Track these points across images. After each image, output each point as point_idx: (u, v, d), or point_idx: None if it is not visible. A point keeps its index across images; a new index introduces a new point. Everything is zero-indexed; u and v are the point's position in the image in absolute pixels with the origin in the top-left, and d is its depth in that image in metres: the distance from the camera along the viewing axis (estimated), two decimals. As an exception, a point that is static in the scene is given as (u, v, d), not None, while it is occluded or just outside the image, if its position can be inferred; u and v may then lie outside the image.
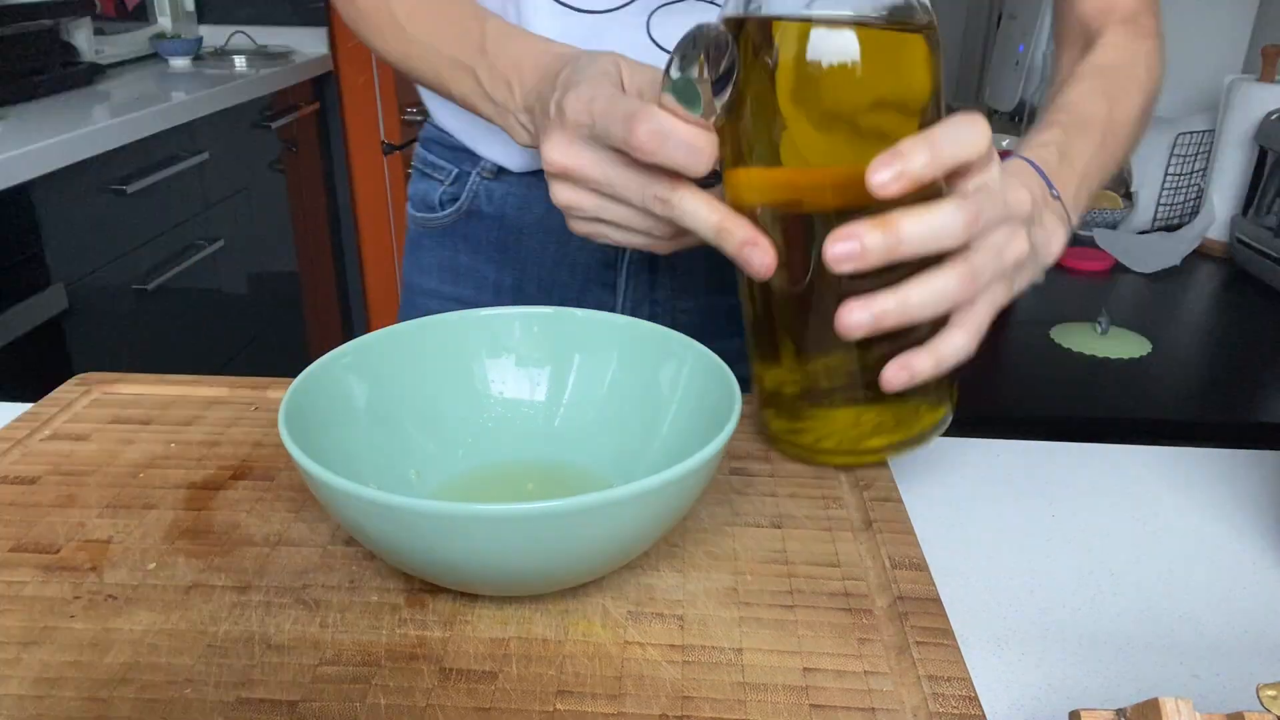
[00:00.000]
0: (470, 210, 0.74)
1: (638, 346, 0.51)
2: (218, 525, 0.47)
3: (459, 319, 0.52)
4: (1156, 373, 1.09)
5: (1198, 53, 1.73)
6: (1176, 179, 1.56)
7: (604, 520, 0.37)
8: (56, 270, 1.42)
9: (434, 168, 0.77)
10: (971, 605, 0.45)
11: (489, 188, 0.73)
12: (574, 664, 0.38)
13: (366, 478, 0.46)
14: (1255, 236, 1.39)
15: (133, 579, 0.43)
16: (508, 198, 0.72)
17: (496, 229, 0.74)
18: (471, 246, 0.75)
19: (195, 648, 0.39)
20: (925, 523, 0.51)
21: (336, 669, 0.38)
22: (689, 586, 0.43)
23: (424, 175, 0.78)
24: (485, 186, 0.73)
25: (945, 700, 0.36)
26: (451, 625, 0.41)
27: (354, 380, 0.48)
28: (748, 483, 0.51)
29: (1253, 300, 1.33)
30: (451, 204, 0.75)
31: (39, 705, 0.36)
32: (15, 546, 0.45)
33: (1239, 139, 1.45)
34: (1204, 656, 0.42)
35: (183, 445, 0.55)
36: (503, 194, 0.73)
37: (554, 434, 0.53)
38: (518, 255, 0.73)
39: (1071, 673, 0.41)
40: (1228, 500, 0.54)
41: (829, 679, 0.38)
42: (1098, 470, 0.57)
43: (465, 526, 0.36)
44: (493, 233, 0.74)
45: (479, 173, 0.73)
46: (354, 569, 0.44)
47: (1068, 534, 0.51)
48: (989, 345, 0.49)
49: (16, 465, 0.52)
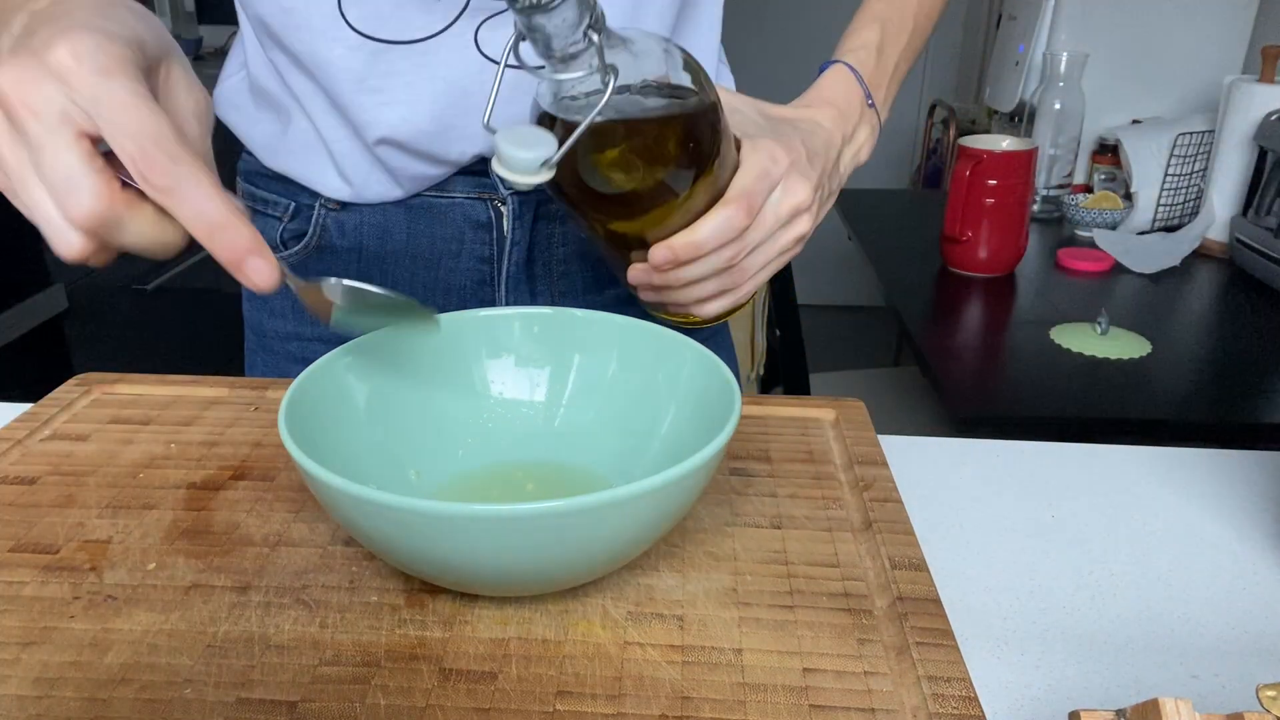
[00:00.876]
0: (321, 245, 0.67)
1: (638, 346, 0.51)
2: (217, 525, 0.47)
3: (459, 319, 0.52)
4: (1156, 373, 1.09)
5: (1198, 53, 1.73)
6: (1176, 179, 1.56)
7: (604, 520, 0.37)
8: (56, 270, 1.42)
9: (265, 203, 0.68)
10: (971, 606, 0.45)
11: (338, 220, 0.66)
12: (574, 664, 0.38)
13: (366, 478, 0.46)
14: (1255, 237, 1.39)
15: (132, 579, 0.43)
16: (363, 228, 0.65)
17: (355, 261, 0.66)
18: None
19: (195, 648, 0.39)
20: (925, 523, 0.51)
21: (336, 669, 0.38)
22: (689, 587, 0.43)
23: (255, 213, 0.69)
24: (333, 219, 0.66)
25: (945, 701, 0.36)
26: (451, 625, 0.41)
27: (354, 380, 0.48)
28: (747, 483, 0.51)
29: (1252, 301, 1.33)
30: (296, 241, 0.67)
31: (38, 705, 0.36)
32: (15, 547, 0.45)
33: (1239, 139, 1.45)
34: (1203, 657, 0.42)
35: (182, 445, 0.55)
36: (356, 224, 0.65)
37: (554, 434, 0.53)
38: (383, 285, 0.67)
39: (1071, 673, 0.41)
40: (1227, 501, 0.54)
41: (829, 679, 0.38)
42: (1097, 470, 0.57)
43: (465, 526, 0.36)
44: (351, 266, 0.66)
45: (322, 205, 0.66)
46: (354, 569, 0.44)
47: (1067, 534, 0.51)
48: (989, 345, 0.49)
49: (16, 465, 0.52)
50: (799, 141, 0.56)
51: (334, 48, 0.58)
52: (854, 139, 0.62)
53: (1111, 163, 1.73)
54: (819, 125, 0.60)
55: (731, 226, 0.52)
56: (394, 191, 0.64)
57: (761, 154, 0.53)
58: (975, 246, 1.37)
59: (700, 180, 0.51)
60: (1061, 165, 1.69)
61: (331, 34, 0.58)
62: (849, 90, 0.63)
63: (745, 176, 0.53)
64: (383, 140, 0.61)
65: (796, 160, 0.55)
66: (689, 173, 0.51)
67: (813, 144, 0.57)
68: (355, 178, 0.64)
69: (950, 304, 1.34)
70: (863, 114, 0.63)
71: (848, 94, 0.62)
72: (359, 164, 0.63)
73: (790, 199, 0.54)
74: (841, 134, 0.61)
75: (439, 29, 0.58)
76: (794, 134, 0.57)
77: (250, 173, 0.70)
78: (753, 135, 0.55)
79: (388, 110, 0.59)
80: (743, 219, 0.52)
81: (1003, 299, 1.34)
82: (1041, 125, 1.66)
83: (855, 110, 0.62)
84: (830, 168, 0.59)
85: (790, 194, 0.54)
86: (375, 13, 0.57)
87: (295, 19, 0.58)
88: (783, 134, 0.56)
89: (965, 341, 1.21)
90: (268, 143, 0.67)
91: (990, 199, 1.35)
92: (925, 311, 1.32)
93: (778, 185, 0.54)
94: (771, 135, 0.55)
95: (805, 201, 0.55)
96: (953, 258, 1.41)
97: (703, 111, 0.50)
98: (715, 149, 0.51)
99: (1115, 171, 1.71)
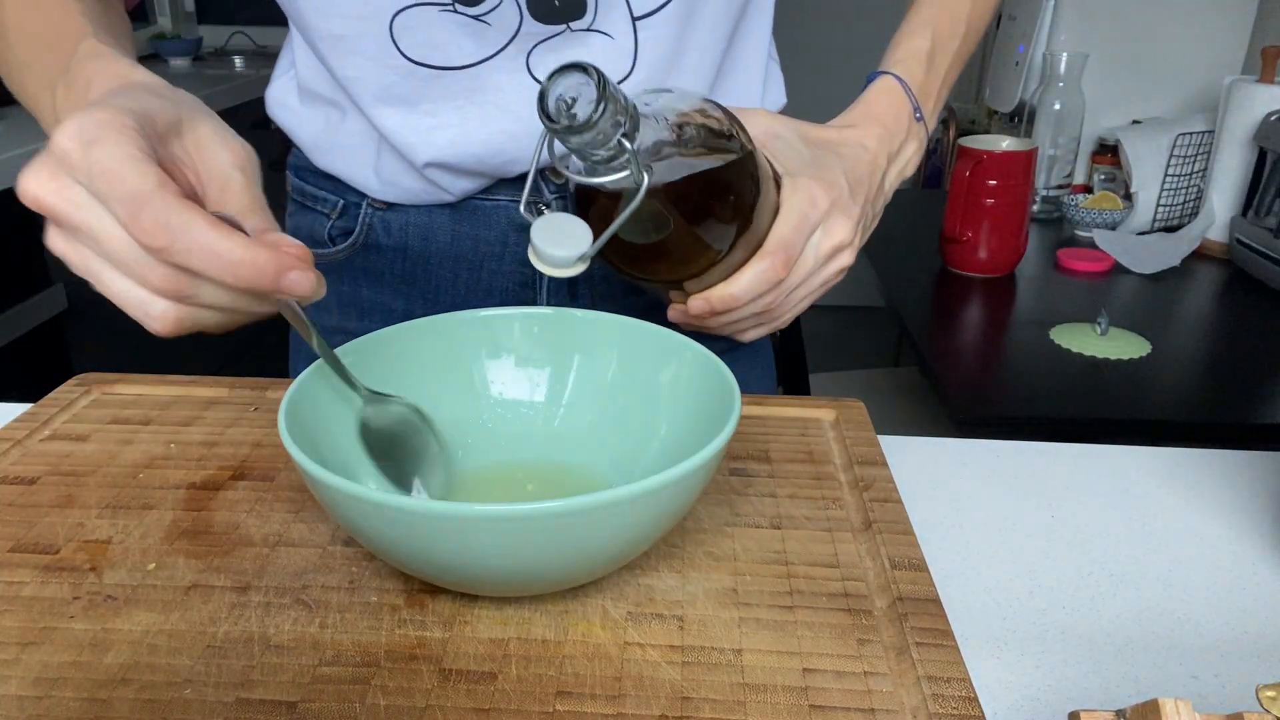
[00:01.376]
0: (367, 243, 0.68)
1: (638, 347, 0.51)
2: (217, 526, 0.47)
3: (458, 319, 0.52)
4: (1156, 373, 1.09)
5: (1197, 53, 1.73)
6: (1176, 180, 1.56)
7: (604, 520, 0.37)
8: (57, 270, 1.42)
9: (315, 199, 0.69)
10: (971, 606, 0.45)
11: (384, 219, 0.67)
12: (573, 665, 0.38)
13: (366, 478, 0.46)
14: (1254, 237, 1.39)
15: (132, 579, 0.43)
16: (408, 228, 0.66)
17: (400, 261, 0.67)
18: (373, 280, 0.69)
19: (195, 648, 0.39)
20: (925, 523, 0.51)
21: (336, 669, 0.38)
22: (689, 587, 0.43)
23: (305, 208, 0.70)
24: (380, 218, 0.67)
25: (945, 701, 0.36)
26: (451, 626, 0.41)
27: (354, 381, 0.48)
28: (747, 483, 0.51)
29: (1252, 301, 1.33)
30: (344, 238, 0.68)
31: (38, 706, 0.36)
32: (15, 547, 0.45)
33: (1238, 140, 1.45)
34: (1203, 657, 0.42)
35: (182, 446, 0.55)
36: (401, 224, 0.66)
37: (553, 434, 0.53)
38: (427, 286, 0.68)
39: (1071, 673, 0.41)
40: (1227, 501, 0.54)
41: (828, 680, 0.38)
42: (1097, 471, 0.57)
43: (465, 526, 0.36)
44: (395, 265, 0.68)
45: (369, 204, 0.67)
46: (353, 569, 0.44)
47: (1067, 535, 0.51)
48: (989, 346, 0.50)
49: (16, 465, 0.52)
50: (841, 175, 0.55)
51: (386, 74, 0.58)
52: (900, 156, 0.61)
53: (1111, 163, 1.73)
54: (864, 149, 0.58)
55: (768, 280, 0.52)
56: (442, 197, 0.64)
57: (801, 197, 0.52)
58: (975, 247, 1.37)
59: (738, 237, 0.51)
60: (1061, 165, 1.69)
61: (383, 60, 0.58)
62: (897, 105, 0.61)
63: (784, 225, 0.52)
64: (431, 164, 0.61)
65: (838, 199, 0.54)
66: (727, 230, 0.51)
67: (856, 173, 0.56)
68: (400, 189, 0.64)
69: (950, 304, 1.34)
70: (910, 129, 0.61)
71: (896, 109, 0.61)
72: (403, 178, 0.64)
73: (831, 240, 0.54)
74: (887, 154, 0.59)
75: (490, 54, 0.58)
76: (836, 165, 0.55)
77: (300, 168, 0.71)
78: (793, 173, 0.54)
79: (438, 135, 0.60)
80: (780, 271, 0.52)
81: (1003, 299, 1.34)
82: (1041, 125, 1.66)
83: (903, 126, 0.61)
84: (874, 193, 0.58)
85: (831, 235, 0.54)
86: (427, 40, 0.57)
87: (346, 45, 0.58)
88: (824, 167, 0.55)
89: (965, 342, 1.21)
90: (316, 142, 0.67)
91: (990, 199, 1.35)
92: (925, 312, 1.31)
93: (818, 228, 0.53)
94: (812, 171, 0.54)
95: (846, 240, 0.54)
96: (953, 258, 1.41)
97: (739, 171, 0.50)
98: (751, 205, 0.51)
99: (1115, 172, 1.71)
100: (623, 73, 0.59)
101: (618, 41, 0.58)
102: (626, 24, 0.57)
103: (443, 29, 0.56)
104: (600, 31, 0.58)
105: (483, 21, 0.56)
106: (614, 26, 0.57)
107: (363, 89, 0.60)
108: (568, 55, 0.57)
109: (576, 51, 0.58)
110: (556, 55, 0.58)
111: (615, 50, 0.58)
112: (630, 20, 0.57)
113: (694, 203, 0.49)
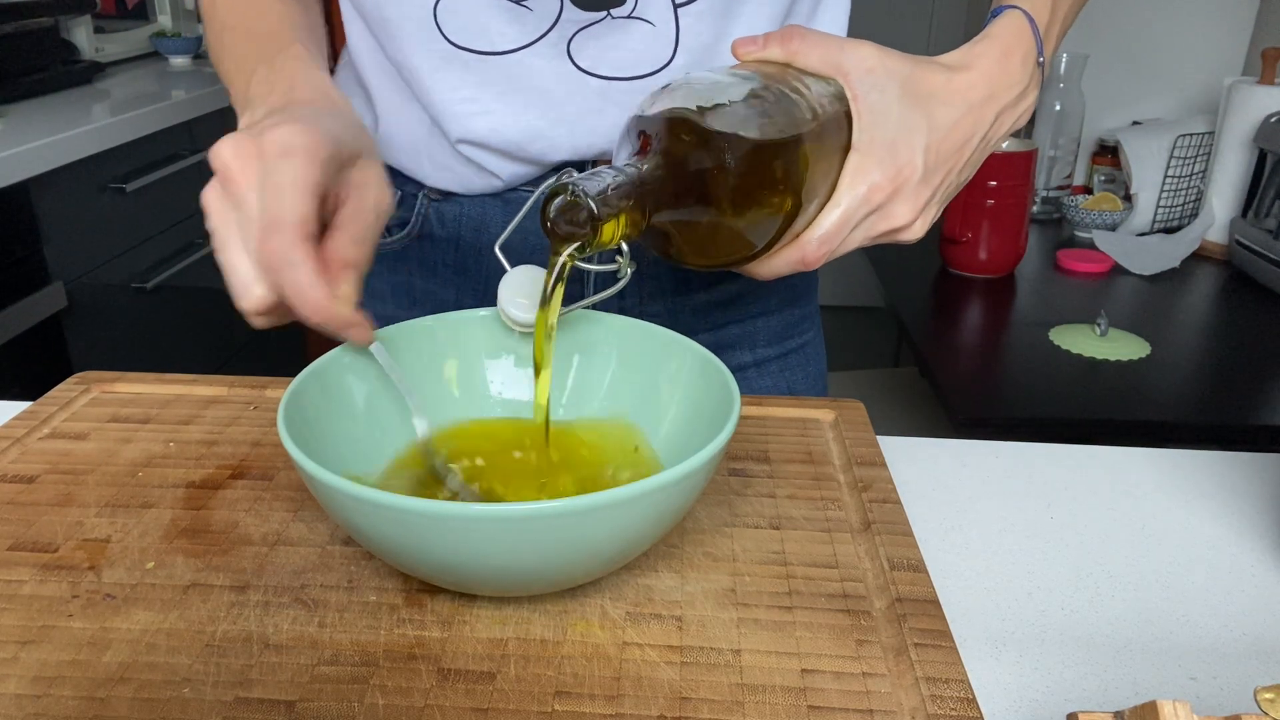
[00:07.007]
0: (422, 234, 0.69)
1: (638, 347, 0.51)
2: (216, 525, 0.47)
3: (459, 319, 0.52)
4: (1155, 374, 1.09)
5: (1197, 55, 1.73)
6: (1176, 181, 1.56)
7: (603, 521, 0.37)
8: (56, 268, 1.42)
9: None
10: (970, 607, 0.45)
11: (439, 210, 0.68)
12: (572, 665, 0.38)
13: (365, 478, 0.46)
14: (1254, 239, 1.39)
15: (131, 578, 0.43)
16: (462, 219, 0.68)
17: (452, 251, 0.69)
18: (426, 270, 0.70)
19: (193, 647, 0.39)
20: (924, 524, 0.51)
21: (335, 669, 0.38)
22: (687, 588, 0.43)
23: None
24: (435, 209, 0.68)
25: (943, 702, 0.36)
26: (450, 625, 0.41)
27: (353, 380, 0.48)
28: (746, 484, 0.51)
29: (1251, 302, 1.33)
30: (400, 229, 0.70)
31: (37, 704, 0.36)
32: (13, 545, 0.45)
33: (1238, 141, 1.45)
34: (1202, 659, 0.42)
35: (181, 444, 0.55)
36: (455, 215, 0.68)
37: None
38: (478, 277, 0.69)
39: (1069, 675, 0.41)
40: (1226, 502, 0.54)
41: (827, 680, 0.38)
42: (1096, 472, 0.57)
43: (465, 526, 0.36)
44: (448, 255, 0.69)
45: (426, 195, 0.68)
46: (352, 569, 0.44)
47: (1066, 536, 0.51)
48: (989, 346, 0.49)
49: (15, 464, 0.52)
50: (919, 153, 0.49)
51: (429, 58, 0.59)
52: (1017, 106, 0.54)
53: (1111, 164, 1.73)
54: (968, 107, 0.52)
55: (797, 268, 0.49)
56: (493, 183, 0.65)
57: (859, 186, 0.48)
58: (975, 247, 1.37)
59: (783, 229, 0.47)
60: (1061, 166, 1.69)
61: (426, 44, 0.59)
62: (1025, 46, 0.54)
63: (830, 218, 0.48)
64: (470, 143, 0.62)
65: (903, 186, 0.49)
66: (773, 223, 0.46)
67: (942, 148, 0.51)
68: (452, 174, 0.65)
69: (950, 305, 1.34)
70: (1032, 76, 0.55)
71: (1024, 51, 0.54)
72: (453, 162, 0.64)
73: (888, 222, 0.50)
74: (997, 108, 0.53)
75: (531, 40, 0.58)
76: (920, 137, 0.50)
77: None
78: (863, 149, 0.49)
79: (479, 120, 0.60)
80: (812, 264, 0.49)
81: (1002, 300, 1.34)
82: (1041, 126, 1.66)
83: (1026, 73, 0.54)
84: (962, 164, 0.52)
85: (889, 218, 0.50)
86: (470, 24, 0.58)
87: (390, 28, 0.59)
88: (904, 140, 0.49)
89: (965, 342, 1.21)
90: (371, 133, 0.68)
91: (990, 200, 1.35)
92: (925, 312, 1.32)
93: (875, 212, 0.50)
94: (884, 150, 0.49)
95: (905, 223, 0.50)
96: (953, 259, 1.41)
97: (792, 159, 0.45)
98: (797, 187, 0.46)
99: (1115, 173, 1.71)
100: (663, 60, 0.59)
101: (659, 28, 0.58)
102: (668, 11, 0.57)
103: (485, 13, 0.57)
104: (641, 19, 0.58)
105: (524, 7, 0.57)
106: (655, 13, 0.57)
107: (410, 73, 0.61)
108: (609, 42, 0.58)
109: (617, 39, 0.58)
110: (598, 42, 0.58)
111: (656, 37, 0.58)
112: (672, 7, 0.57)
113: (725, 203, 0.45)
